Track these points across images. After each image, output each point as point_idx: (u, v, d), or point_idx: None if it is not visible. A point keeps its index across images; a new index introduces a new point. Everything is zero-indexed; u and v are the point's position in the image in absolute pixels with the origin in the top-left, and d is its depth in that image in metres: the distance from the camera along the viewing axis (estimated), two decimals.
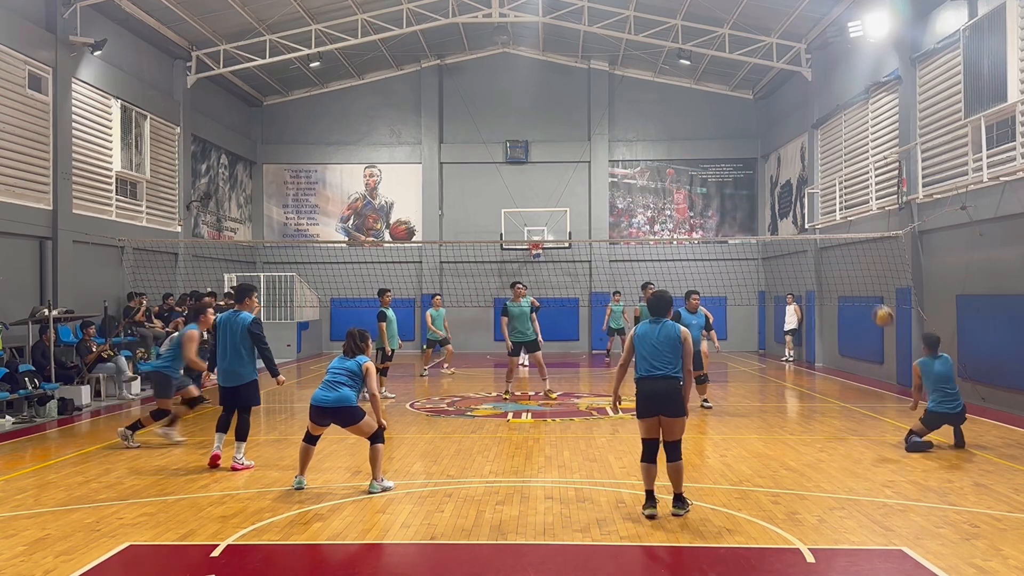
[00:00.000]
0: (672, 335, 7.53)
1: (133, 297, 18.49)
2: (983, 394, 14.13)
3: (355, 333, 8.70)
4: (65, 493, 8.40)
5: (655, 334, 7.56)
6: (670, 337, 7.52)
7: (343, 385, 8.40)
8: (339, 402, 8.34)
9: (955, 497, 7.98)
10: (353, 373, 8.47)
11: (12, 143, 15.87)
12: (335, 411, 8.37)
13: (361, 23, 23.00)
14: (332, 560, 6.51)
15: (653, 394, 7.42)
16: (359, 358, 8.59)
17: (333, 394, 8.36)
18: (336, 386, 8.40)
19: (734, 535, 6.80)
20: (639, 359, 7.64)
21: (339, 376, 8.47)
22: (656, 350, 7.50)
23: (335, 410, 8.37)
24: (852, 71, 20.00)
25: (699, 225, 28.34)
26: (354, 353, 8.61)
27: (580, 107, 28.36)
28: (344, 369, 8.51)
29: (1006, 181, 13.49)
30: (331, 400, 8.35)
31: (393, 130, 28.79)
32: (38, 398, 13.60)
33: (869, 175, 18.81)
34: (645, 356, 7.55)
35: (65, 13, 17.27)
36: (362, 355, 8.63)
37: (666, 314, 7.69)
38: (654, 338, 7.55)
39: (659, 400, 7.41)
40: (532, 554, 6.45)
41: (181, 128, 22.60)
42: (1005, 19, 13.26)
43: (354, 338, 8.66)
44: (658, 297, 7.79)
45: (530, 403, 14.84)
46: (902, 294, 17.07)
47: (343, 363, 8.58)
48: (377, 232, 28.65)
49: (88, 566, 6.14)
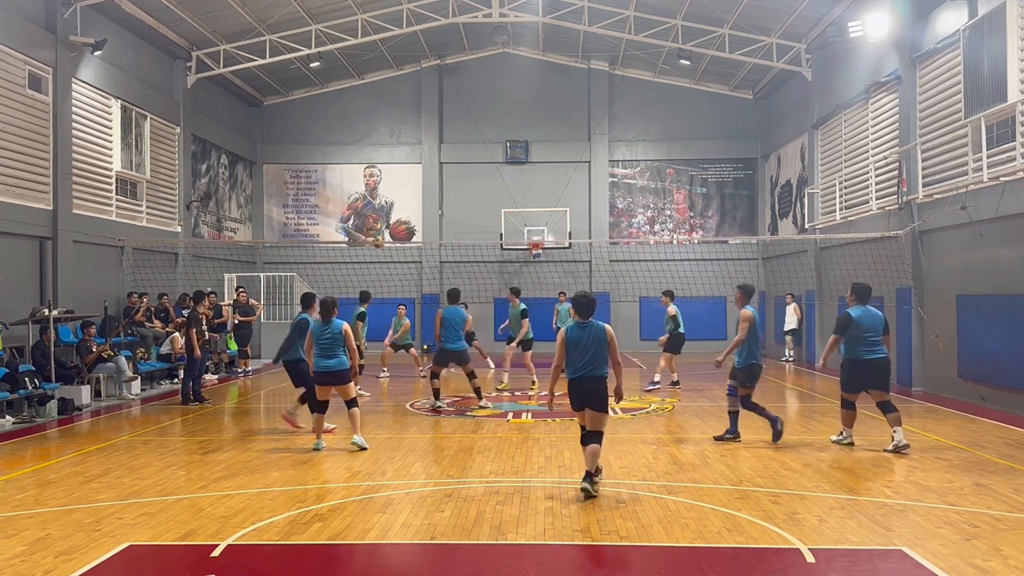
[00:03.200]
0: (600, 336, 8.10)
1: (133, 295, 18.52)
2: (983, 394, 14.14)
3: (329, 300, 10.43)
4: (65, 493, 8.40)
5: (584, 336, 8.10)
6: (598, 338, 8.10)
7: (336, 350, 10.29)
8: (338, 367, 10.32)
9: (955, 497, 7.98)
10: (336, 336, 10.28)
11: (12, 143, 15.87)
12: (335, 374, 10.28)
13: (361, 23, 23.00)
14: (332, 560, 6.51)
15: (583, 392, 8.14)
16: (335, 322, 10.34)
17: (333, 360, 10.30)
18: (331, 352, 10.29)
19: (734, 535, 6.80)
20: (569, 359, 8.17)
21: (327, 341, 10.29)
22: (586, 351, 8.08)
23: (335, 373, 10.28)
24: (852, 71, 20.00)
25: (699, 225, 28.34)
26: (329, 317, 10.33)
27: (580, 107, 28.36)
28: (329, 334, 10.30)
29: (1006, 181, 13.49)
30: (332, 366, 10.29)
31: (393, 130, 28.80)
32: (38, 398, 13.60)
33: (869, 175, 18.81)
34: (576, 357, 8.12)
35: (65, 13, 17.27)
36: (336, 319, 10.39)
37: (591, 315, 8.21)
38: (584, 340, 8.10)
39: (588, 397, 8.13)
40: (532, 554, 6.45)
41: (181, 128, 22.59)
42: (1005, 19, 13.26)
43: (328, 304, 10.40)
44: (587, 299, 8.27)
45: (530, 403, 14.84)
46: (902, 294, 17.07)
47: (325, 328, 10.32)
48: (377, 232, 28.66)
49: (88, 566, 6.14)
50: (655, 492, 8.24)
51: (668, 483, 8.64)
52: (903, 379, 16.87)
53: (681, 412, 13.81)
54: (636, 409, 14.05)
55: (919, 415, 13.47)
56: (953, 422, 12.59)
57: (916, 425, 12.34)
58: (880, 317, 10.44)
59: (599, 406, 8.15)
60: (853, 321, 10.25)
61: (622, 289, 26.08)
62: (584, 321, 8.19)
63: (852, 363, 10.38)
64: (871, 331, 10.27)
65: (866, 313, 10.33)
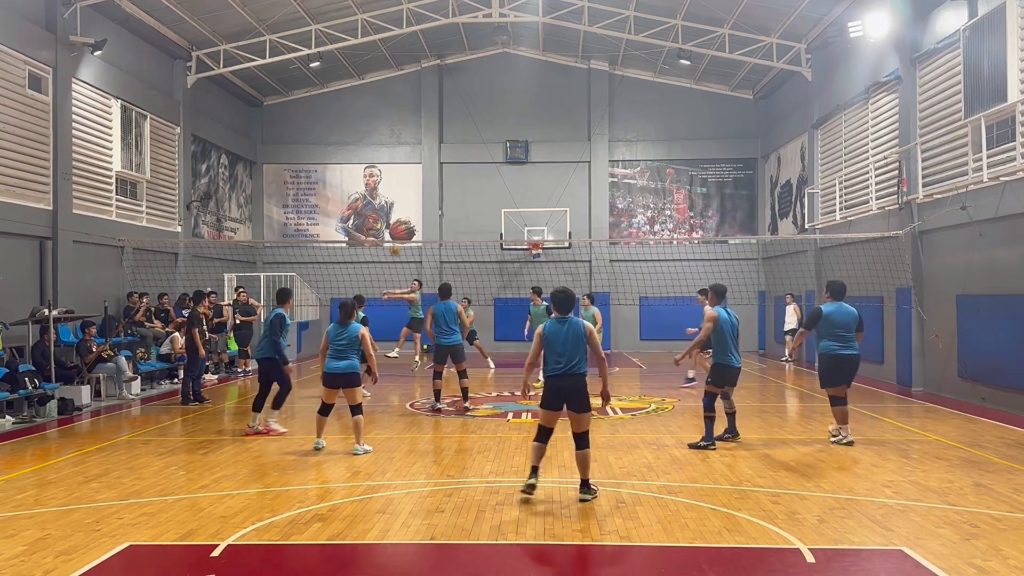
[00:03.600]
0: (579, 332, 7.90)
1: (133, 295, 18.52)
2: (983, 394, 14.13)
3: (349, 303, 10.28)
4: (65, 493, 8.40)
5: (562, 332, 7.91)
6: (577, 334, 7.90)
7: (350, 353, 10.12)
8: (348, 368, 10.12)
9: (955, 497, 7.98)
10: (352, 340, 10.13)
11: (12, 143, 15.87)
12: (345, 376, 10.08)
13: (361, 23, 23.00)
14: (332, 560, 6.51)
15: (562, 390, 7.87)
16: (353, 325, 10.20)
17: (344, 362, 10.11)
18: (344, 355, 10.12)
19: (734, 535, 6.80)
20: (548, 356, 7.98)
21: (342, 344, 10.13)
22: (564, 347, 7.86)
23: (345, 375, 10.08)
24: (852, 71, 20.00)
25: (699, 225, 28.33)
26: (348, 320, 10.18)
27: (580, 107, 28.36)
28: (345, 337, 10.14)
29: (1006, 181, 13.49)
30: (342, 367, 10.09)
31: (393, 130, 28.80)
32: (38, 398, 13.60)
33: (869, 175, 18.81)
34: (554, 354, 7.90)
35: (65, 13, 17.27)
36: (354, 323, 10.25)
37: (570, 311, 8.02)
38: (562, 336, 7.89)
39: (567, 396, 7.86)
40: (532, 554, 6.45)
41: (181, 128, 22.59)
42: (1005, 19, 13.26)
43: (348, 307, 10.23)
44: (565, 294, 8.07)
45: (531, 403, 14.83)
46: (902, 294, 17.06)
47: (342, 331, 10.17)
48: (377, 232, 28.66)
49: (88, 566, 6.14)
50: (655, 492, 8.24)
51: (668, 483, 8.63)
52: (903, 379, 16.88)
53: (681, 412, 13.81)
54: (636, 409, 14.05)
55: (919, 415, 13.47)
56: (953, 422, 12.59)
57: (916, 425, 12.35)
58: (854, 314, 10.63)
59: (580, 406, 7.88)
60: (823, 316, 10.57)
61: (622, 289, 26.07)
62: (563, 316, 8.00)
63: (827, 358, 10.65)
64: (843, 327, 10.50)
65: (839, 309, 10.57)
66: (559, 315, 8.03)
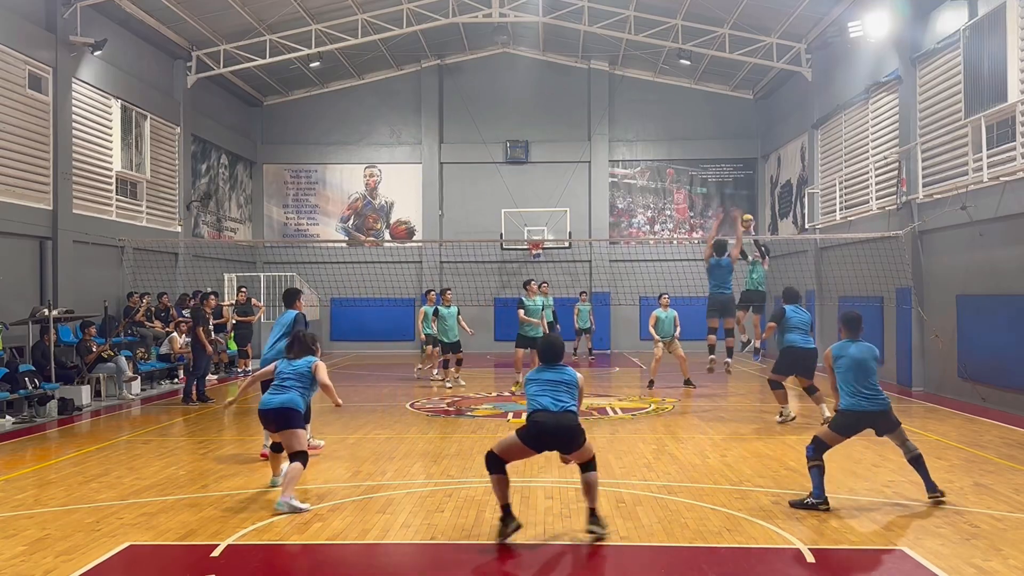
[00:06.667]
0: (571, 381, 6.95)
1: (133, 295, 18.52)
2: (983, 394, 14.13)
3: (306, 337, 8.49)
4: (65, 493, 8.40)
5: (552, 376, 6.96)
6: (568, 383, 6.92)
7: (291, 389, 8.09)
8: (284, 404, 7.98)
9: (955, 497, 7.98)
10: (302, 375, 8.19)
11: (12, 143, 15.86)
12: (277, 413, 7.97)
13: (361, 23, 23.00)
14: (332, 560, 6.51)
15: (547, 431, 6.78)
16: (307, 359, 8.31)
17: (281, 396, 8.03)
18: (284, 389, 8.09)
19: (734, 535, 6.80)
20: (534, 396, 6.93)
21: (288, 380, 8.17)
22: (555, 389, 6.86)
23: (277, 412, 7.97)
24: (852, 71, 20.00)
25: (699, 225, 28.32)
26: (300, 355, 8.34)
27: (580, 107, 28.35)
28: (292, 371, 8.22)
29: (1006, 181, 13.49)
30: (276, 403, 8.00)
31: (393, 130, 28.79)
32: (38, 398, 13.60)
33: (869, 175, 18.81)
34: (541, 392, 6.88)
35: (65, 13, 17.26)
36: (311, 355, 8.36)
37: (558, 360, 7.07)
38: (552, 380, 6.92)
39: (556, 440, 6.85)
40: (532, 554, 6.45)
41: (181, 128, 22.59)
42: (1005, 19, 13.26)
43: (303, 341, 8.42)
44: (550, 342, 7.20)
45: None
46: (902, 294, 17.06)
47: (290, 366, 8.28)
48: (377, 232, 28.66)
49: (88, 566, 6.14)
50: (655, 492, 8.24)
51: (668, 483, 8.64)
52: (903, 379, 16.88)
53: (681, 412, 13.81)
54: (636, 409, 14.05)
55: (919, 415, 13.46)
56: (953, 422, 12.59)
57: (916, 425, 12.33)
58: (807, 316, 12.55)
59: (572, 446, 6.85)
60: (785, 314, 12.28)
61: (622, 289, 26.07)
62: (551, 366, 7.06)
63: (788, 350, 12.22)
64: (800, 325, 12.25)
65: (796, 311, 12.34)
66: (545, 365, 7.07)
